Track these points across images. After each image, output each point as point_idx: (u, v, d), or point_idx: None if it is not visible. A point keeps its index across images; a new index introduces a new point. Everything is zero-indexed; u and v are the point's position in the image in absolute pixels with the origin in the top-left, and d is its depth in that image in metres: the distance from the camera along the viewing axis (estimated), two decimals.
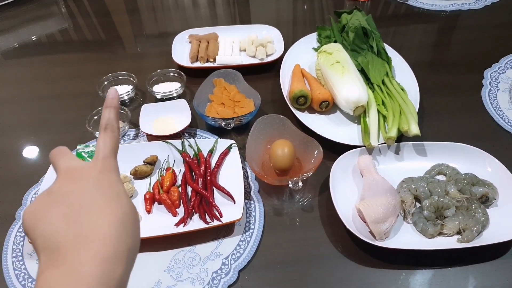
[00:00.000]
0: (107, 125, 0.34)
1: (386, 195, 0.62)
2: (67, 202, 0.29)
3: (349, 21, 0.96)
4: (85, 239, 0.27)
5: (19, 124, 0.86)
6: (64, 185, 0.31)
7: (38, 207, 0.29)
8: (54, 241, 0.27)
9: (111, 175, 0.32)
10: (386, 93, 0.80)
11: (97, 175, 0.31)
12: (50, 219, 0.28)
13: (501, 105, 0.84)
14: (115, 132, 0.34)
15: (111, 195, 0.30)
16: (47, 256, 0.27)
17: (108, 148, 0.33)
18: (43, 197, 0.30)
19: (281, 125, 0.73)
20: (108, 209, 0.29)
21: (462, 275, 0.58)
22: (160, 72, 0.91)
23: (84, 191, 0.30)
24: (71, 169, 0.32)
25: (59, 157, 0.33)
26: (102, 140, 0.33)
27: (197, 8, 1.26)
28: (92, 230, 0.27)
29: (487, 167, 0.68)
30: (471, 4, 1.17)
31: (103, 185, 0.31)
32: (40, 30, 1.18)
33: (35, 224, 0.28)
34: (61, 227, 0.27)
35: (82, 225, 0.27)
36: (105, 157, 0.33)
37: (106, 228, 0.28)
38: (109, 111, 0.35)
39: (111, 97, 0.36)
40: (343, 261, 0.60)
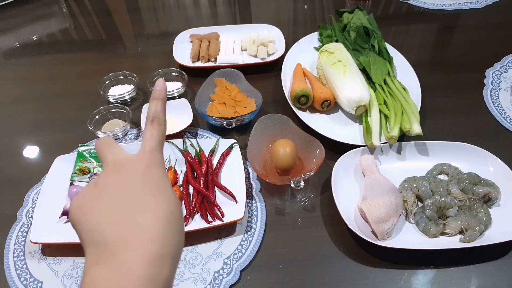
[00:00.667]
0: (154, 117, 0.33)
1: (388, 195, 0.62)
2: (114, 196, 0.29)
3: (350, 21, 0.96)
4: (132, 238, 0.26)
5: (20, 124, 0.86)
6: (111, 178, 0.30)
7: (85, 199, 0.29)
8: (101, 237, 0.27)
9: (158, 169, 0.31)
10: (387, 92, 0.80)
11: (144, 169, 0.30)
12: (97, 212, 0.28)
13: (503, 104, 0.84)
14: (162, 125, 0.34)
15: (158, 190, 0.30)
16: (94, 252, 0.27)
17: (155, 141, 0.33)
18: (89, 189, 0.30)
19: (282, 124, 0.73)
20: (155, 205, 0.29)
21: (464, 275, 0.58)
22: (161, 72, 0.91)
23: (131, 185, 0.29)
24: (118, 162, 0.31)
25: (105, 148, 0.33)
26: (149, 132, 0.33)
27: (198, 8, 1.25)
28: (139, 228, 0.27)
29: (490, 167, 0.68)
30: (473, 4, 1.17)
31: (150, 180, 0.30)
32: (41, 29, 1.18)
33: (82, 217, 0.28)
34: (108, 223, 0.27)
35: (129, 222, 0.27)
36: (152, 150, 0.32)
37: (153, 227, 0.27)
38: (156, 103, 0.34)
39: (158, 89, 0.35)
40: (345, 260, 0.60)
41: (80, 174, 0.71)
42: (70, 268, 0.60)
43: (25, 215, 0.67)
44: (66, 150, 0.76)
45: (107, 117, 0.83)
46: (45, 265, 0.61)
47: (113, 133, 0.79)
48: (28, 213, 0.68)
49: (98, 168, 0.72)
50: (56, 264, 0.61)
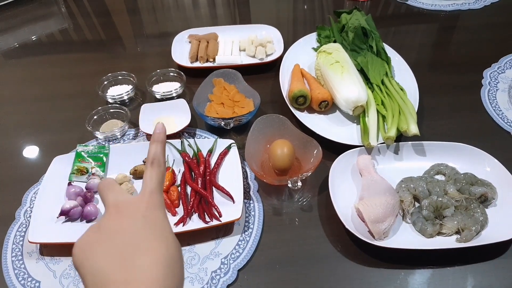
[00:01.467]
0: (153, 160, 0.35)
1: (385, 195, 0.62)
2: (115, 239, 0.30)
3: (348, 21, 0.96)
4: (133, 281, 0.27)
5: (19, 124, 0.87)
6: (112, 221, 0.31)
7: (88, 243, 0.31)
8: (103, 279, 0.28)
9: (157, 212, 0.33)
10: (385, 93, 0.80)
11: (144, 212, 0.32)
12: (99, 256, 0.29)
13: (500, 105, 0.84)
14: (161, 166, 0.35)
15: (158, 234, 0.31)
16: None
17: (155, 183, 0.34)
18: (92, 232, 0.31)
19: (280, 124, 0.73)
20: (155, 249, 0.30)
21: (460, 274, 0.58)
22: (159, 72, 0.91)
23: (131, 229, 0.31)
24: (120, 204, 0.32)
25: (107, 191, 0.34)
26: (149, 174, 0.34)
27: (197, 8, 1.26)
28: (140, 272, 0.28)
29: (486, 167, 0.68)
30: (471, 4, 1.18)
31: (150, 223, 0.31)
32: (40, 30, 1.18)
33: (85, 260, 0.29)
34: (110, 266, 0.28)
35: (130, 266, 0.28)
36: (152, 192, 0.33)
37: (153, 271, 0.28)
38: (156, 146, 0.36)
39: (158, 132, 0.36)
40: (342, 260, 0.60)
41: (78, 174, 0.71)
42: (67, 268, 0.60)
43: (23, 215, 0.67)
44: (64, 150, 0.76)
45: (105, 118, 0.84)
46: (43, 264, 0.61)
47: (111, 133, 0.79)
48: (26, 213, 0.68)
49: (96, 168, 0.72)
50: (54, 264, 0.61)
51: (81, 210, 0.65)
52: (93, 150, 0.74)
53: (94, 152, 0.74)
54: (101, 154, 0.74)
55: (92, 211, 0.65)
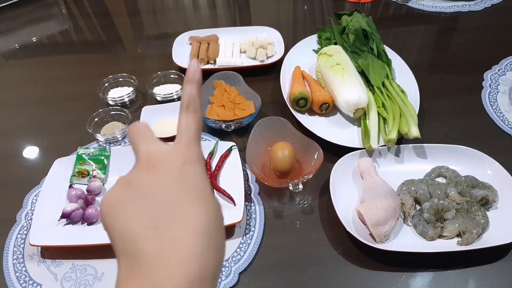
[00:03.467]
0: (189, 103, 0.29)
1: (386, 198, 0.62)
2: (148, 199, 0.26)
3: (349, 23, 0.96)
4: (169, 255, 0.24)
5: (20, 126, 0.87)
6: (145, 175, 0.27)
7: (118, 201, 0.26)
8: (135, 248, 0.24)
9: (196, 166, 0.28)
10: (386, 95, 0.80)
11: (181, 167, 0.27)
12: (130, 218, 0.25)
13: (501, 107, 0.85)
14: (198, 111, 0.30)
15: (197, 195, 0.27)
16: (128, 265, 0.24)
17: (192, 132, 0.29)
18: (121, 187, 0.27)
19: (281, 127, 0.73)
20: (194, 215, 0.25)
21: (462, 277, 0.58)
22: (160, 74, 0.92)
23: (166, 188, 0.26)
24: (153, 156, 0.28)
25: (139, 138, 0.29)
26: (185, 121, 0.29)
27: (198, 10, 1.26)
28: (177, 243, 0.24)
29: (487, 170, 0.68)
30: (471, 6, 1.18)
31: (188, 181, 0.27)
32: (41, 31, 1.18)
33: (115, 222, 0.26)
34: (142, 232, 0.25)
35: (166, 234, 0.24)
36: (189, 142, 0.28)
37: (192, 243, 0.24)
38: (191, 87, 0.30)
39: (192, 71, 0.31)
40: (343, 263, 0.60)
41: (79, 176, 0.71)
42: (69, 271, 0.60)
43: (24, 218, 0.67)
44: (65, 153, 0.76)
45: (106, 120, 0.84)
46: (44, 267, 0.61)
47: (112, 135, 0.79)
48: (27, 215, 0.68)
49: (97, 171, 0.72)
50: (55, 266, 0.61)
51: (82, 213, 0.65)
52: (94, 153, 0.74)
53: (95, 154, 0.74)
54: (102, 156, 0.74)
55: (93, 214, 0.65)
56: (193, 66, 0.31)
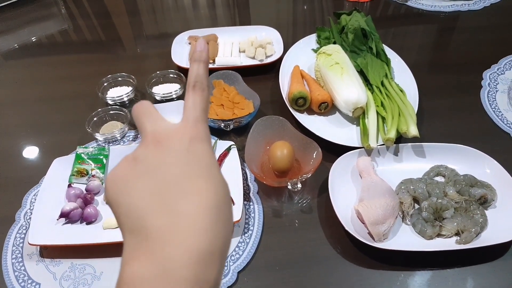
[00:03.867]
0: (196, 82, 0.29)
1: (384, 197, 0.62)
2: (155, 175, 0.25)
3: (348, 22, 0.96)
4: (177, 229, 0.23)
5: (19, 125, 0.87)
6: (151, 153, 0.26)
7: (123, 177, 0.26)
8: (141, 224, 0.24)
9: (203, 144, 0.27)
10: (385, 94, 0.80)
11: (188, 144, 0.27)
12: (136, 194, 0.25)
13: (500, 106, 0.85)
14: (205, 90, 0.30)
15: (204, 170, 0.26)
16: (134, 242, 0.24)
17: (199, 109, 0.29)
18: (127, 163, 0.27)
19: (280, 126, 0.73)
20: (201, 190, 0.25)
21: (460, 276, 0.58)
22: (159, 74, 0.92)
23: (174, 164, 0.26)
24: (159, 134, 0.27)
25: (144, 117, 0.29)
26: (192, 100, 0.29)
27: (197, 9, 1.26)
28: (184, 218, 0.24)
29: (486, 169, 0.68)
30: (470, 5, 1.18)
31: (195, 157, 0.26)
32: (40, 31, 1.18)
33: (120, 197, 0.25)
34: (149, 208, 0.24)
35: (173, 209, 0.24)
36: (196, 120, 0.28)
37: (200, 217, 0.24)
38: (198, 66, 0.30)
39: (199, 50, 0.31)
40: (342, 262, 0.60)
41: (78, 176, 0.71)
42: (68, 270, 0.61)
43: (23, 217, 0.67)
44: (64, 152, 0.76)
45: (105, 119, 0.84)
46: (43, 266, 0.61)
47: (111, 135, 0.79)
48: (26, 215, 0.68)
49: (96, 170, 0.72)
50: (54, 266, 0.61)
51: (81, 212, 0.65)
52: (93, 152, 0.74)
53: (94, 154, 0.74)
54: (101, 156, 0.74)
55: (92, 213, 0.65)
56: (200, 45, 0.31)
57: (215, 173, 0.27)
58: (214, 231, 0.24)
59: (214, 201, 0.25)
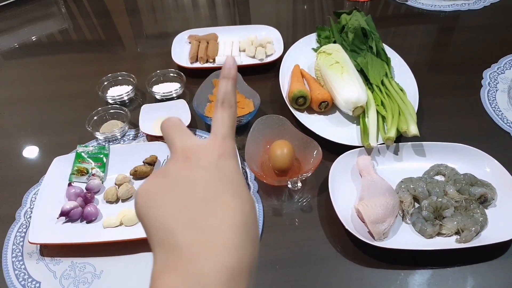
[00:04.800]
0: (224, 99, 0.30)
1: (385, 196, 0.62)
2: (184, 190, 0.26)
3: (348, 22, 0.96)
4: (207, 246, 0.23)
5: (19, 125, 0.87)
6: (181, 167, 0.27)
7: (153, 191, 0.26)
8: (171, 239, 0.24)
9: (231, 161, 0.28)
10: (385, 93, 0.80)
11: (217, 161, 0.27)
12: (166, 208, 0.25)
13: (500, 105, 0.85)
14: (233, 107, 0.30)
15: (232, 189, 0.26)
16: (164, 256, 0.24)
17: (227, 126, 0.29)
18: (157, 178, 0.27)
19: (280, 125, 0.73)
20: (230, 208, 0.25)
21: (460, 275, 0.58)
22: (159, 73, 0.92)
23: (203, 180, 0.26)
24: (189, 150, 0.28)
25: (173, 132, 0.30)
26: (220, 117, 0.30)
27: (197, 9, 1.26)
28: (214, 234, 0.24)
29: (486, 168, 0.68)
30: (470, 5, 1.18)
31: (224, 174, 0.27)
32: (40, 30, 1.18)
33: (150, 212, 0.26)
34: (179, 223, 0.24)
35: (203, 225, 0.24)
36: (224, 136, 0.29)
37: (229, 234, 0.24)
38: (226, 83, 0.31)
39: (228, 67, 0.31)
40: (342, 261, 0.60)
41: (78, 175, 0.71)
42: (68, 269, 0.61)
43: (24, 216, 0.67)
44: (64, 151, 0.76)
45: (105, 118, 0.84)
46: (43, 265, 0.61)
47: (112, 134, 0.79)
48: (27, 213, 0.68)
49: (96, 169, 0.72)
50: (54, 264, 0.61)
51: (81, 211, 0.65)
52: (93, 151, 0.74)
53: (94, 152, 0.74)
54: (101, 154, 0.74)
55: (92, 212, 0.65)
56: (229, 63, 0.31)
57: (242, 190, 0.27)
58: (243, 249, 0.24)
59: (242, 218, 0.25)
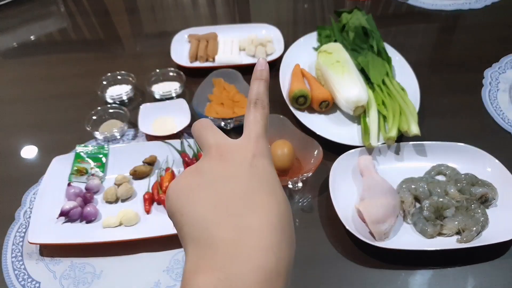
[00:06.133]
0: (257, 100, 0.30)
1: (386, 196, 0.62)
2: (219, 187, 0.25)
3: (349, 21, 0.96)
4: (244, 244, 0.23)
5: (18, 124, 0.86)
6: (216, 165, 0.27)
7: (186, 186, 0.26)
8: (206, 235, 0.23)
9: (265, 161, 0.28)
10: (386, 93, 0.80)
11: (251, 159, 0.27)
12: (201, 204, 0.24)
13: (501, 105, 0.84)
14: (265, 108, 0.30)
15: (267, 186, 0.26)
16: (199, 253, 0.23)
17: (260, 126, 0.29)
18: (191, 173, 0.27)
19: (280, 125, 0.73)
20: (265, 206, 0.24)
21: (461, 275, 0.58)
22: (159, 72, 0.91)
23: (238, 178, 0.26)
24: (223, 147, 0.28)
25: (205, 131, 0.30)
26: (253, 116, 0.29)
27: (197, 7, 1.25)
28: (251, 233, 0.23)
29: (487, 167, 0.68)
30: (472, 4, 1.17)
31: (258, 173, 0.26)
32: (39, 29, 1.17)
33: (184, 207, 0.25)
34: (214, 219, 0.24)
35: (239, 224, 0.23)
36: (258, 136, 0.28)
37: (266, 234, 0.23)
38: (258, 84, 0.31)
39: (260, 69, 0.32)
40: (343, 261, 0.60)
41: (77, 174, 0.71)
42: (68, 269, 0.60)
43: (23, 216, 0.67)
44: (64, 151, 0.76)
45: (104, 118, 0.83)
46: (43, 265, 0.61)
47: (111, 133, 0.79)
48: (26, 213, 0.68)
49: (95, 169, 0.72)
50: (54, 264, 0.61)
51: (81, 211, 0.65)
52: (92, 151, 0.74)
53: (93, 152, 0.74)
54: (100, 154, 0.74)
55: (91, 212, 0.65)
56: (260, 65, 0.32)
57: (278, 190, 0.26)
58: (280, 250, 0.23)
59: (278, 217, 0.24)
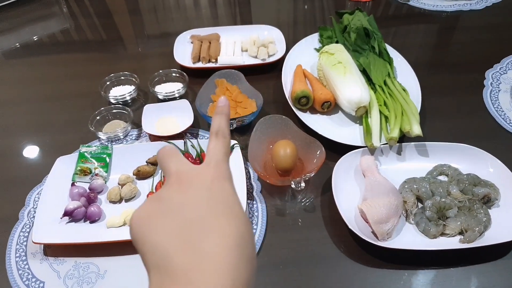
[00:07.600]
0: (218, 131, 0.32)
1: (388, 196, 0.62)
2: (178, 214, 0.26)
3: (350, 22, 0.96)
4: (201, 269, 0.24)
5: (22, 124, 0.87)
6: (175, 192, 0.28)
7: (147, 214, 0.27)
8: (166, 262, 0.25)
9: (225, 183, 0.29)
10: (388, 93, 0.80)
11: (210, 184, 0.28)
12: (161, 233, 0.26)
13: (502, 105, 0.85)
14: (226, 138, 0.32)
15: (225, 210, 0.27)
16: (159, 279, 0.25)
17: (221, 153, 0.31)
18: (152, 203, 0.28)
19: (283, 125, 0.73)
20: (223, 228, 0.26)
21: (464, 275, 0.58)
22: (162, 73, 0.92)
23: (197, 203, 0.27)
24: (182, 175, 0.29)
25: (168, 158, 0.31)
26: (213, 145, 0.31)
27: (199, 9, 1.26)
28: (208, 257, 0.24)
29: (489, 168, 0.68)
30: (472, 5, 1.18)
31: (217, 196, 0.28)
32: (42, 30, 1.18)
33: (145, 236, 0.26)
34: (173, 246, 0.25)
35: (196, 248, 0.25)
36: (218, 161, 0.30)
37: (222, 256, 0.24)
38: (220, 118, 0.33)
39: (221, 105, 0.34)
40: (346, 261, 0.60)
41: (81, 174, 0.71)
42: (72, 268, 0.61)
43: (27, 216, 0.68)
44: (67, 151, 0.76)
45: (108, 118, 0.84)
46: (47, 265, 0.61)
47: (114, 133, 0.79)
48: (30, 213, 0.68)
49: (99, 169, 0.72)
50: (58, 264, 0.61)
51: (85, 211, 0.65)
52: (96, 151, 0.74)
53: (97, 152, 0.74)
54: (104, 154, 0.74)
55: (95, 212, 0.65)
56: (221, 102, 0.35)
57: (237, 211, 0.27)
58: (237, 270, 0.24)
59: (236, 240, 0.25)
